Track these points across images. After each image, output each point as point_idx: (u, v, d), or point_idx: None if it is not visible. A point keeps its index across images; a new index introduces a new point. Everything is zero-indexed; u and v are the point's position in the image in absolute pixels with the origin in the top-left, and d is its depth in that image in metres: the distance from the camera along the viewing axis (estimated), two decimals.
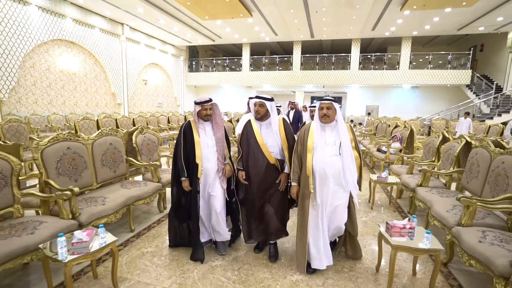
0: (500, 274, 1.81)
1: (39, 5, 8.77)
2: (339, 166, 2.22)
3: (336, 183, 2.24)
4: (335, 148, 2.23)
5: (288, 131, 2.56)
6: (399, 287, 2.24)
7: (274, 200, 2.53)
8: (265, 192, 2.52)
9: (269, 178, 2.51)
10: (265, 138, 2.52)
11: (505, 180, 2.55)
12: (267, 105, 2.48)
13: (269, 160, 2.49)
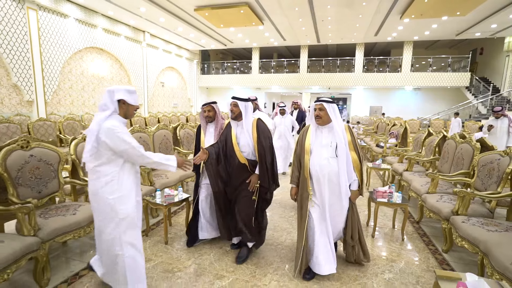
0: (444, 217, 2.76)
1: (76, 17, 9.91)
2: (335, 168, 2.16)
3: (333, 185, 2.18)
4: (331, 150, 2.17)
5: (261, 132, 2.51)
6: (382, 234, 3.20)
7: (240, 200, 2.55)
8: (234, 190, 2.59)
9: (239, 178, 2.54)
10: (238, 138, 2.56)
11: (462, 161, 3.49)
12: (240, 105, 2.49)
13: (240, 159, 2.51)
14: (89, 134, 1.81)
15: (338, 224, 2.32)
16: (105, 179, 1.84)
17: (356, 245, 2.38)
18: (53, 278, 2.25)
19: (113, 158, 1.85)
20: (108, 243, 1.90)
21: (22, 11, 8.27)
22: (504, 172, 2.69)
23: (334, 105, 2.20)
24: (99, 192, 1.84)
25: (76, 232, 2.40)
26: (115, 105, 1.87)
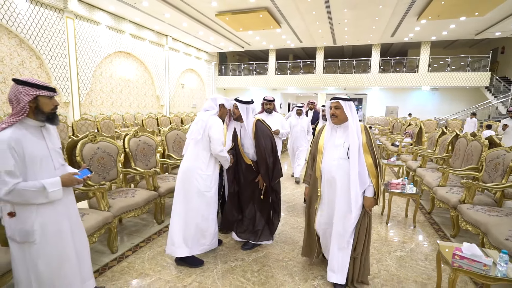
0: (452, 206, 3.09)
1: (107, 24, 10.67)
2: (346, 170, 2.04)
3: (344, 188, 2.06)
4: (343, 151, 2.06)
5: (260, 133, 2.60)
6: (395, 222, 3.54)
7: (254, 199, 2.71)
8: (245, 189, 2.72)
9: (247, 177, 2.69)
10: (243, 139, 2.69)
11: (471, 157, 3.78)
12: (240, 107, 2.56)
13: (245, 160, 2.68)
14: (196, 127, 2.43)
15: (345, 230, 2.09)
16: (201, 159, 2.43)
17: (358, 259, 2.12)
18: (119, 247, 2.76)
19: (208, 146, 2.43)
20: (192, 212, 2.43)
21: (61, 20, 9.05)
22: (508, 166, 2.99)
23: (351, 103, 2.07)
24: (195, 167, 2.43)
25: (136, 211, 2.91)
26: (217, 108, 2.51)
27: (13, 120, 1.52)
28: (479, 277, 1.70)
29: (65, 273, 1.69)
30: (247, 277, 2.34)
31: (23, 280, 1.60)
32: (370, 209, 2.10)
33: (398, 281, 2.31)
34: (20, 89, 1.51)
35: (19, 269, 1.59)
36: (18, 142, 1.49)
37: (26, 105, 1.52)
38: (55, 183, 1.60)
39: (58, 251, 1.66)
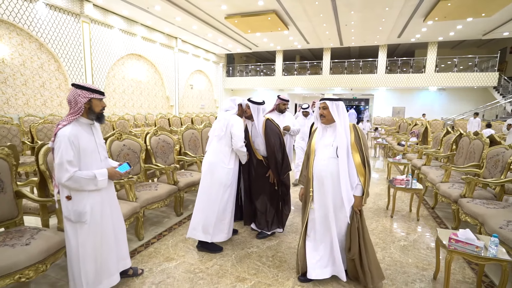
0: (454, 200, 3.28)
1: (120, 28, 11.05)
2: (335, 170, 2.07)
3: (334, 188, 2.09)
4: (332, 150, 2.09)
5: (269, 131, 2.82)
6: (399, 216, 3.75)
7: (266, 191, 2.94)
8: (256, 182, 2.95)
9: (258, 172, 2.93)
10: (254, 137, 2.90)
11: (474, 155, 3.95)
12: (251, 107, 2.83)
13: (257, 156, 2.91)
14: (219, 124, 2.71)
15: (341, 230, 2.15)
16: (223, 154, 2.71)
17: (358, 262, 2.10)
18: (145, 235, 3.04)
19: (229, 142, 2.70)
20: (214, 202, 2.68)
21: (78, 24, 9.45)
22: (506, 162, 3.17)
23: (339, 103, 2.11)
24: (218, 161, 2.69)
25: (159, 203, 3.18)
26: (237, 107, 2.78)
27: (71, 118, 1.80)
28: (471, 258, 1.91)
29: (105, 250, 1.97)
30: (263, 261, 2.59)
31: (73, 255, 1.87)
32: (358, 208, 2.08)
33: (401, 266, 2.53)
34: (78, 92, 1.79)
35: (72, 245, 1.87)
36: (75, 137, 1.77)
37: (82, 106, 1.80)
38: (103, 174, 1.89)
39: (101, 231, 1.94)
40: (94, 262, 1.90)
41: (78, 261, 1.86)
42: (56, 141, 1.75)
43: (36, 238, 1.96)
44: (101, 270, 1.94)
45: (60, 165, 1.72)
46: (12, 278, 1.74)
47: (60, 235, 2.07)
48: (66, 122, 1.79)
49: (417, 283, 2.28)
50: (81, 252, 1.86)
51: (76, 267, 1.87)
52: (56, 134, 1.76)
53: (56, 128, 1.78)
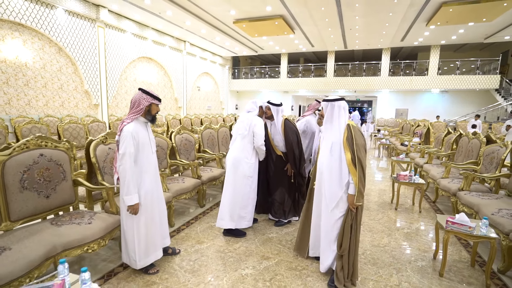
0: (453, 193, 3.61)
1: (132, 32, 11.48)
2: (330, 166, 2.21)
3: (328, 183, 2.22)
4: (328, 147, 2.23)
5: (288, 130, 3.19)
6: (403, 208, 4.08)
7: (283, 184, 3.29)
8: (275, 176, 3.32)
9: (278, 166, 3.29)
10: (273, 135, 3.28)
11: (472, 153, 4.28)
12: (272, 109, 3.20)
13: (276, 152, 3.28)
14: (243, 124, 3.06)
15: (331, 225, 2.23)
16: (246, 150, 3.04)
17: (344, 257, 2.16)
18: (175, 222, 3.40)
19: (252, 140, 3.02)
20: (238, 193, 3.03)
21: (93, 29, 9.88)
22: (500, 159, 3.50)
23: (334, 104, 2.22)
24: (242, 157, 3.03)
25: (186, 194, 3.54)
26: (258, 109, 3.14)
27: (134, 117, 2.17)
28: (465, 236, 2.25)
29: (152, 228, 2.33)
30: (283, 244, 2.94)
31: (129, 232, 2.23)
32: (352, 207, 2.13)
33: (405, 248, 2.87)
34: (143, 96, 2.16)
35: (128, 223, 2.23)
36: (136, 133, 2.14)
37: (144, 108, 2.17)
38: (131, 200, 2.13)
39: (151, 212, 2.30)
40: (145, 238, 2.26)
41: (133, 237, 2.22)
42: (122, 135, 2.11)
43: (94, 219, 2.33)
44: (149, 245, 2.31)
45: (123, 155, 2.09)
46: (82, 249, 2.11)
47: (113, 217, 2.44)
48: (129, 120, 2.16)
49: (419, 261, 2.62)
50: (135, 229, 2.22)
51: (130, 242, 2.23)
52: (122, 130, 2.13)
53: (121, 124, 2.15)
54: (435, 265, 2.56)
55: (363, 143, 2.16)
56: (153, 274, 2.33)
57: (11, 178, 2.09)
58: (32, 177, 2.21)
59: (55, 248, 1.93)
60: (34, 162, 2.24)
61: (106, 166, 2.88)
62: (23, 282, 1.69)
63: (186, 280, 2.27)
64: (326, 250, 2.28)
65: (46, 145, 2.38)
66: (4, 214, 2.05)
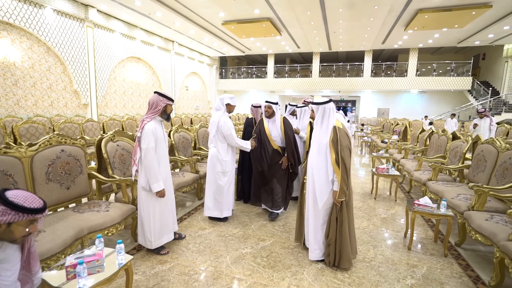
0: (423, 183, 4.10)
1: (121, 32, 11.55)
2: (317, 163, 2.40)
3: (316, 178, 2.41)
4: (316, 146, 2.41)
5: (286, 126, 3.52)
6: (381, 198, 4.56)
7: (277, 176, 3.54)
8: (270, 170, 3.52)
9: (273, 159, 3.51)
10: (271, 130, 3.53)
11: (441, 148, 4.82)
12: (273, 107, 3.53)
13: (273, 146, 3.50)
14: (212, 125, 3.27)
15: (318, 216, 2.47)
16: (219, 149, 3.33)
17: (331, 246, 2.40)
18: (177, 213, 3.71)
19: (223, 139, 3.31)
20: (219, 186, 3.36)
21: (82, 29, 9.91)
22: (462, 153, 4.03)
23: (325, 106, 2.38)
24: (217, 155, 3.32)
25: (187, 187, 3.86)
26: (224, 107, 3.34)
27: (152, 116, 2.50)
28: (428, 215, 2.71)
29: (166, 213, 2.67)
30: (276, 229, 3.32)
31: (146, 215, 2.56)
32: (337, 202, 2.33)
33: (381, 230, 3.32)
34: (160, 98, 2.49)
35: (145, 208, 2.55)
36: (155, 129, 2.48)
37: (161, 108, 2.49)
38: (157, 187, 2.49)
39: (165, 198, 2.63)
40: (159, 221, 2.60)
41: (149, 220, 2.54)
42: (143, 132, 2.44)
43: (110, 207, 2.62)
44: (163, 227, 2.65)
45: (146, 149, 2.43)
46: (103, 232, 2.40)
47: (126, 206, 2.73)
48: (149, 119, 2.50)
49: (392, 239, 3.07)
50: (152, 213, 2.55)
51: (147, 225, 2.55)
52: (143, 127, 2.44)
53: (142, 123, 2.47)
54: (405, 242, 3.01)
55: (348, 144, 2.31)
56: (164, 254, 2.65)
57: (39, 171, 2.35)
58: (56, 170, 2.48)
59: (82, 230, 2.23)
60: (57, 157, 2.51)
61: (115, 161, 3.15)
62: (59, 258, 1.98)
63: (194, 259, 2.61)
64: (313, 239, 2.52)
65: (66, 142, 2.65)
66: None
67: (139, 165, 2.52)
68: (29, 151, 2.32)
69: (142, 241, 2.62)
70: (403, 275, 2.40)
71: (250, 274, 2.37)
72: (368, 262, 2.59)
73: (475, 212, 2.70)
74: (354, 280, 2.31)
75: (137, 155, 2.49)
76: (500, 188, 2.80)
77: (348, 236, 2.39)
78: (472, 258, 2.70)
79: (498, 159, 3.24)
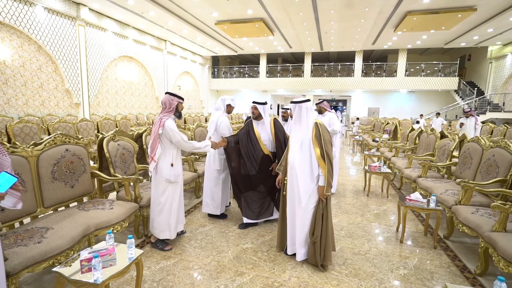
0: (413, 180, 4.29)
1: (113, 31, 11.45)
2: (300, 162, 2.38)
3: (300, 177, 2.37)
4: (298, 144, 2.40)
5: (277, 129, 3.21)
6: (374, 195, 4.73)
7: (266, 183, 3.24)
8: (259, 175, 3.22)
9: (262, 165, 3.22)
10: (260, 133, 3.26)
11: (429, 146, 5.03)
12: (259, 108, 3.22)
13: (264, 151, 3.22)
14: (211, 124, 3.39)
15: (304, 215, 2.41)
16: None
17: (316, 244, 2.37)
18: None
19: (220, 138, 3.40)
20: (214, 183, 3.51)
21: (74, 27, 9.79)
22: (449, 150, 4.23)
23: (302, 105, 2.41)
24: (214, 153, 3.47)
25: (186, 185, 3.92)
26: (225, 107, 3.45)
27: (168, 115, 2.65)
28: (419, 209, 2.87)
29: (181, 204, 2.87)
30: (274, 224, 3.43)
31: (167, 206, 2.72)
32: (323, 197, 2.34)
33: (374, 225, 3.47)
34: (172, 98, 2.66)
35: (167, 199, 2.71)
36: (173, 126, 2.64)
37: (174, 107, 2.64)
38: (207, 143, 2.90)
39: (180, 187, 2.83)
40: (177, 211, 2.78)
41: (170, 210, 2.73)
42: (166, 129, 2.61)
43: (114, 205, 2.68)
44: (180, 217, 2.85)
45: (179, 141, 2.67)
46: (108, 230, 2.46)
47: (130, 204, 2.79)
48: (167, 117, 2.67)
49: (385, 233, 3.23)
50: (173, 204, 2.74)
51: (167, 215, 2.71)
52: (164, 125, 2.61)
53: (161, 121, 2.62)
54: (397, 236, 3.17)
55: (330, 139, 2.39)
56: (168, 250, 2.74)
57: (44, 170, 2.40)
58: (61, 169, 2.53)
59: (89, 227, 2.28)
60: (61, 156, 2.55)
61: (116, 160, 3.21)
62: (69, 254, 2.04)
63: (197, 254, 2.69)
64: (302, 240, 2.47)
65: (69, 141, 2.69)
66: (39, 201, 2.37)
67: (159, 160, 2.67)
68: (35, 150, 2.36)
69: (157, 232, 2.74)
70: (396, 266, 2.55)
71: (252, 267, 2.48)
72: (363, 255, 2.73)
73: (462, 206, 2.88)
74: (351, 271, 2.44)
75: (157, 151, 2.63)
76: (485, 183, 2.99)
77: (330, 232, 2.43)
78: (459, 250, 2.87)
79: (483, 156, 3.43)
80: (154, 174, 2.72)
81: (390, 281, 2.32)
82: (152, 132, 2.69)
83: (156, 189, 2.71)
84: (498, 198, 2.98)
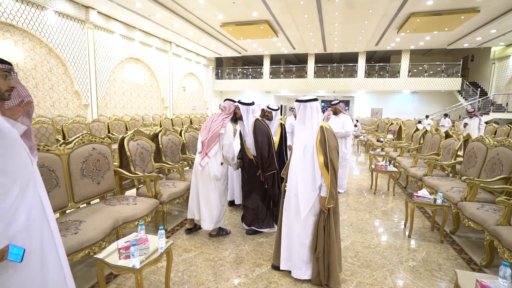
0: (419, 178, 4.42)
1: (120, 33, 11.65)
2: (303, 168, 2.14)
3: (301, 185, 2.13)
4: (301, 149, 2.16)
5: (258, 130, 2.89)
6: (380, 193, 4.86)
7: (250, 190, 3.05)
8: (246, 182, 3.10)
9: (250, 171, 3.04)
10: (245, 137, 3.05)
11: (434, 146, 5.16)
12: (241, 108, 2.93)
13: (248, 155, 3.03)
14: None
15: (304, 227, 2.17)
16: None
17: (320, 260, 2.13)
18: None
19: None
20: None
21: (83, 30, 10.00)
22: (454, 150, 4.36)
23: (307, 104, 2.15)
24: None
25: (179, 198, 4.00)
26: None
27: (228, 118, 2.91)
28: (426, 205, 3.01)
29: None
30: None
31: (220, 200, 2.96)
32: (324, 209, 2.09)
33: (382, 221, 3.61)
34: (231, 103, 2.96)
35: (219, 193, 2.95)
36: (232, 127, 2.87)
37: (233, 111, 2.93)
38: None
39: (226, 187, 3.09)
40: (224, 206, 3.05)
41: (223, 205, 3.00)
42: (227, 129, 2.89)
43: (137, 201, 2.83)
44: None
45: (230, 144, 2.91)
46: (134, 224, 2.62)
47: (152, 200, 2.94)
48: (227, 119, 2.93)
49: (393, 229, 3.37)
50: (223, 198, 2.99)
51: (219, 209, 2.97)
52: (226, 126, 2.90)
53: (223, 122, 2.89)
54: (405, 231, 3.31)
55: (336, 145, 2.13)
56: (230, 233, 3.18)
57: (75, 167, 2.56)
58: (89, 167, 2.69)
59: (118, 221, 2.44)
60: (89, 154, 2.71)
61: (136, 158, 3.36)
62: (102, 245, 2.20)
63: (215, 247, 2.85)
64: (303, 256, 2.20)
65: (95, 140, 2.85)
66: (69, 196, 2.53)
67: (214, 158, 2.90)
68: (67, 149, 2.53)
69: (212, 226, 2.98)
70: (405, 258, 2.69)
71: (269, 259, 2.62)
72: (374, 248, 2.87)
73: (468, 202, 3.01)
74: (363, 263, 2.58)
75: (215, 148, 2.87)
76: (489, 180, 3.12)
77: (335, 248, 2.15)
78: (465, 244, 3.01)
79: (487, 155, 3.56)
80: (201, 170, 2.92)
81: (401, 272, 2.46)
82: (209, 130, 2.91)
83: (209, 186, 2.92)
84: (502, 195, 3.11)
